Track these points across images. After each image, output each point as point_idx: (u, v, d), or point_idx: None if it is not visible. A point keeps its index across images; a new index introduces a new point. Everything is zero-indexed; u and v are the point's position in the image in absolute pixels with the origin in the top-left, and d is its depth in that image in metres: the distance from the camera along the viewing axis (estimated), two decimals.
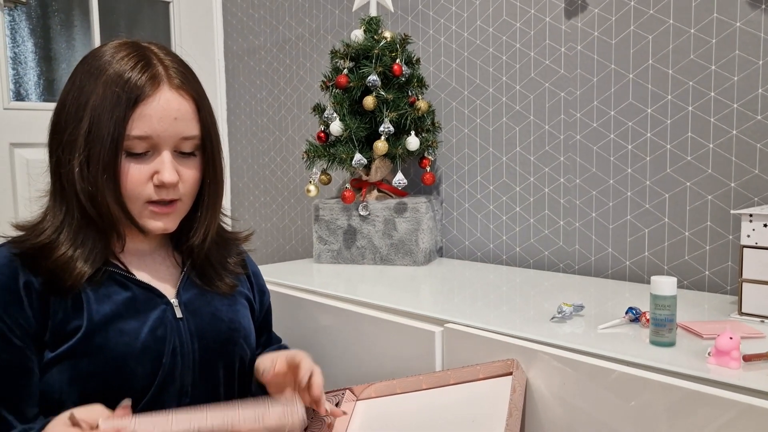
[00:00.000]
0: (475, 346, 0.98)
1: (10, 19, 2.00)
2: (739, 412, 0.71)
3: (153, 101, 0.81)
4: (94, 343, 0.80)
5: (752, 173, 1.18)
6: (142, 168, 0.83)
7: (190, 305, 0.90)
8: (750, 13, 1.16)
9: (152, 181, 0.84)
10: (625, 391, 0.80)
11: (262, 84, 2.24)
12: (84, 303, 0.82)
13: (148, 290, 0.87)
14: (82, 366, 0.80)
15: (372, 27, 1.56)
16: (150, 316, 0.85)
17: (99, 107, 0.80)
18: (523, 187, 1.52)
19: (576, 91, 1.41)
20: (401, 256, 1.54)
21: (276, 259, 2.24)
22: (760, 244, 0.97)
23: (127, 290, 0.85)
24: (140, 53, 0.84)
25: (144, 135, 0.81)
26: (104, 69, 0.82)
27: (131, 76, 0.81)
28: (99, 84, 0.81)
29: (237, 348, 0.93)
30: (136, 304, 0.85)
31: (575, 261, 1.44)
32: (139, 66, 0.82)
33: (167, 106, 0.82)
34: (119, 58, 0.83)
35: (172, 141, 0.84)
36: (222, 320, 0.92)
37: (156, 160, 0.83)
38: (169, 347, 0.85)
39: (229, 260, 0.98)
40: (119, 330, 0.82)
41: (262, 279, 1.08)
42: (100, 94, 0.81)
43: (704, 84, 1.22)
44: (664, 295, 0.86)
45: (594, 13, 1.37)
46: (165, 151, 0.84)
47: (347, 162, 1.52)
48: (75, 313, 0.81)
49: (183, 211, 0.89)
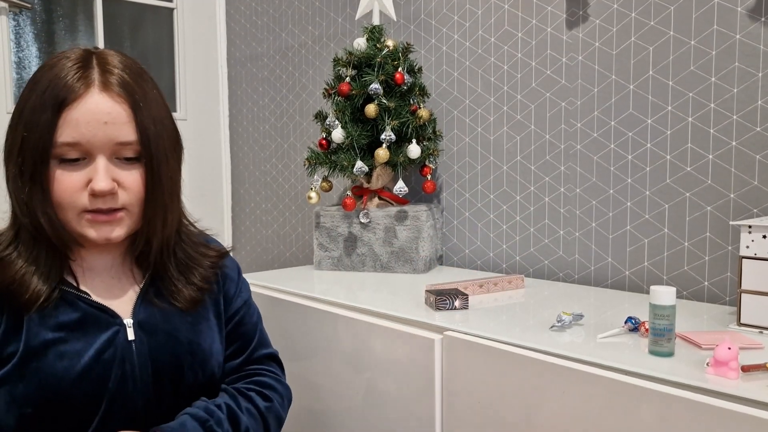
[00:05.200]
0: (474, 355, 0.98)
1: (15, 24, 2.01)
2: (737, 422, 0.71)
3: (80, 105, 0.77)
4: (30, 367, 0.77)
5: (751, 184, 1.18)
6: (75, 176, 0.78)
7: (146, 325, 0.85)
8: (750, 26, 1.17)
9: (87, 189, 0.78)
10: (623, 400, 0.80)
11: (265, 91, 2.25)
12: (24, 326, 0.78)
13: (100, 310, 0.83)
14: (18, 390, 0.77)
15: (374, 35, 1.57)
16: (98, 338, 0.81)
17: (30, 114, 0.77)
18: (524, 196, 1.53)
19: (577, 101, 1.41)
20: (401, 264, 1.55)
21: (277, 265, 2.25)
22: (759, 255, 0.97)
23: (76, 311, 0.81)
24: (82, 58, 0.80)
25: (72, 141, 0.77)
26: (42, 76, 0.79)
27: (59, 81, 0.77)
28: (35, 90, 0.78)
29: (191, 373, 0.87)
30: (83, 325, 0.81)
31: (575, 270, 1.44)
32: (73, 69, 0.78)
33: (96, 110, 0.77)
34: (60, 65, 0.79)
35: (106, 147, 0.78)
36: (180, 342, 0.87)
37: (90, 167, 0.78)
38: (117, 371, 0.81)
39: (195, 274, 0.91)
40: (59, 353, 0.78)
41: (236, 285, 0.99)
42: (31, 101, 0.77)
43: (704, 95, 1.23)
44: (663, 305, 0.86)
45: (595, 24, 1.38)
46: (99, 158, 0.78)
47: (348, 169, 1.52)
48: (13, 336, 0.78)
49: (130, 221, 0.83)
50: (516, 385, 0.93)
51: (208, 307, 0.94)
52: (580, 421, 0.85)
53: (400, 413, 1.10)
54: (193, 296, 0.90)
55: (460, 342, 1.00)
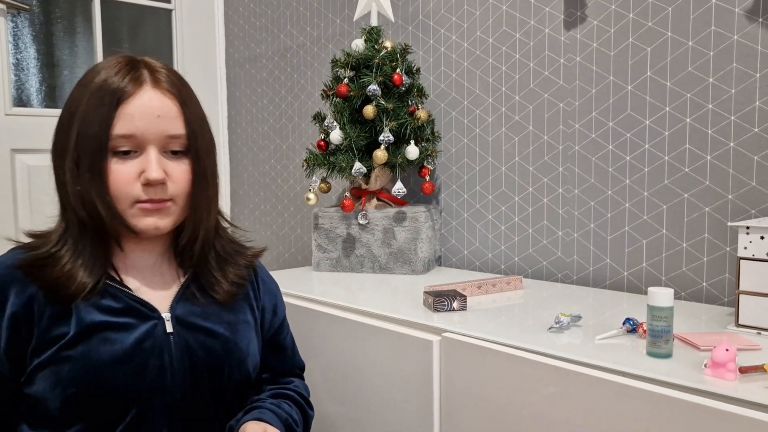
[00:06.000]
0: (472, 356, 0.98)
1: (13, 26, 2.01)
2: (734, 424, 0.71)
3: (135, 100, 0.83)
4: (77, 349, 0.81)
5: (749, 185, 1.18)
6: (128, 166, 0.84)
7: (184, 321, 0.89)
8: (747, 26, 1.17)
9: (140, 180, 0.84)
10: (621, 401, 0.80)
11: (263, 92, 2.25)
12: (73, 311, 0.82)
13: (140, 304, 0.87)
14: (64, 371, 0.80)
15: (373, 36, 1.57)
16: (139, 328, 0.85)
17: (85, 111, 0.83)
18: (522, 197, 1.53)
19: (575, 102, 1.41)
20: (400, 265, 1.55)
21: (275, 266, 2.24)
22: (757, 256, 0.97)
23: (119, 302, 0.85)
24: (130, 60, 0.87)
25: (127, 133, 0.82)
26: (93, 78, 0.85)
27: (115, 80, 0.83)
28: (87, 91, 0.84)
29: (227, 371, 0.91)
30: (126, 316, 0.85)
31: (573, 271, 1.44)
32: (125, 70, 0.85)
33: (149, 104, 0.84)
34: (109, 67, 0.85)
35: (157, 139, 0.84)
36: (217, 339, 0.91)
37: (142, 158, 0.84)
38: (156, 361, 0.85)
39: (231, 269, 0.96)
40: (104, 338, 0.82)
41: (276, 298, 1.05)
42: (86, 100, 0.83)
43: (702, 96, 1.23)
44: (661, 306, 0.86)
45: (593, 25, 1.38)
46: (151, 149, 0.84)
47: (347, 171, 1.52)
48: (62, 320, 0.82)
49: (177, 213, 0.88)
50: (514, 386, 0.92)
51: (245, 309, 0.98)
52: (578, 422, 0.85)
53: (398, 415, 1.10)
54: (231, 290, 0.95)
55: (458, 343, 1.00)
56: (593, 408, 0.83)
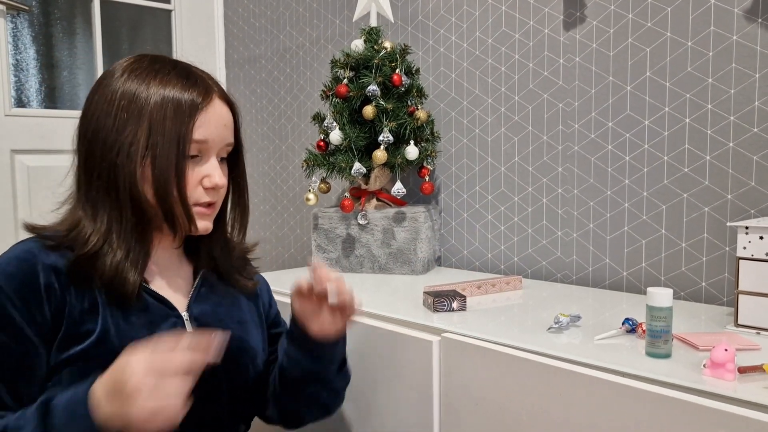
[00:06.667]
0: (472, 356, 0.98)
1: (13, 26, 2.01)
2: (733, 424, 0.71)
3: (210, 107, 0.87)
4: (107, 347, 0.81)
5: (749, 185, 1.18)
6: (195, 170, 0.88)
7: (201, 320, 0.92)
8: (747, 27, 1.17)
9: (201, 184, 0.88)
10: (620, 402, 0.80)
11: (263, 92, 2.25)
12: (99, 307, 0.83)
13: (161, 302, 0.89)
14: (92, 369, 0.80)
15: (372, 37, 1.57)
16: (160, 327, 0.87)
17: (160, 112, 0.84)
18: (522, 197, 1.53)
19: (574, 102, 1.42)
20: (399, 265, 1.55)
21: (275, 267, 2.24)
22: (756, 256, 0.97)
23: (141, 300, 0.87)
24: (178, 63, 0.90)
25: (202, 139, 0.86)
26: (153, 76, 0.86)
27: (190, 84, 0.86)
28: (153, 90, 0.85)
29: (242, 368, 0.95)
30: (148, 314, 0.87)
31: (573, 271, 1.44)
32: (191, 75, 0.88)
33: (221, 113, 0.89)
34: (161, 68, 0.87)
35: (218, 146, 0.89)
36: (231, 338, 0.92)
37: (205, 164, 0.88)
38: None
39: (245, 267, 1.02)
40: (130, 337, 0.83)
41: (269, 292, 1.10)
42: (158, 101, 0.84)
43: (701, 96, 1.23)
44: (660, 306, 0.86)
45: (592, 25, 1.38)
46: (213, 156, 0.89)
47: (346, 171, 1.52)
48: (90, 315, 0.82)
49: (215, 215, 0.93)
50: (513, 386, 0.93)
51: (252, 309, 1.02)
52: (577, 422, 0.85)
53: (397, 415, 1.10)
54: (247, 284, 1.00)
55: (457, 344, 1.00)
56: (592, 408, 0.83)
